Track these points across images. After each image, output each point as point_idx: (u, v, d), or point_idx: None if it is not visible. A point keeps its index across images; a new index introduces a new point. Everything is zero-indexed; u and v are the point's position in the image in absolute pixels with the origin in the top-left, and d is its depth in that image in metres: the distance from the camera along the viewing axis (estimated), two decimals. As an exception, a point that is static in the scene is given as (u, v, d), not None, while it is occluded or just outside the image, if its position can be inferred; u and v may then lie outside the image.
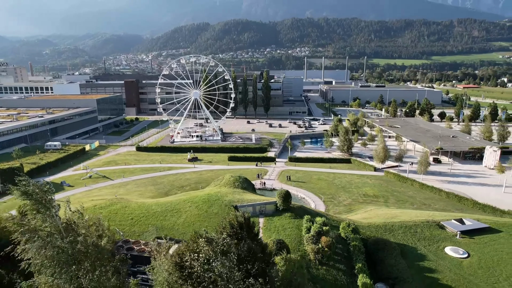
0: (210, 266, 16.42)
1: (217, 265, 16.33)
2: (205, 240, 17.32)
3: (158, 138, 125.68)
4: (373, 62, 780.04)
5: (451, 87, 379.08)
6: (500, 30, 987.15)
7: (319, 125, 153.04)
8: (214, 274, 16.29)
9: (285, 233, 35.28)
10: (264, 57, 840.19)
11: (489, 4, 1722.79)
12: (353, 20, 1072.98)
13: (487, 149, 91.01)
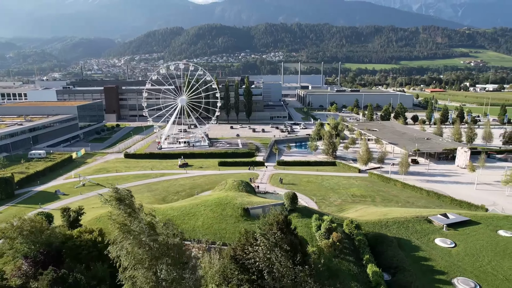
0: (269, 256, 19.40)
1: (275, 255, 19.35)
2: (263, 235, 20.29)
3: (144, 144, 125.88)
4: (345, 67, 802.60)
5: (420, 91, 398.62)
6: (460, 37, 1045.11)
7: (300, 129, 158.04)
8: (272, 263, 19.31)
9: (297, 231, 38.61)
10: (239, 62, 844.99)
11: (449, 12, 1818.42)
12: (325, 25, 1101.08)
13: (458, 150, 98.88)
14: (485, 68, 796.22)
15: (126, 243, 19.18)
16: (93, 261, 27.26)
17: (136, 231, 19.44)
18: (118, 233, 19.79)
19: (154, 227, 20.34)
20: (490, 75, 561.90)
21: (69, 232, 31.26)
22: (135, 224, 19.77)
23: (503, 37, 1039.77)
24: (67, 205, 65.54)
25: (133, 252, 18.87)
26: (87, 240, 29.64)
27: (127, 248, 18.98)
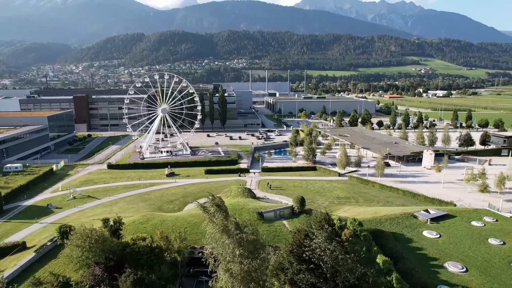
0: (325, 247, 23.67)
1: (332, 247, 23.68)
2: (320, 229, 24.55)
3: (125, 155, 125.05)
4: (307, 74, 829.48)
5: (379, 97, 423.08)
6: (411, 46, 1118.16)
7: (275, 136, 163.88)
8: (329, 253, 23.62)
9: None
10: (202, 69, 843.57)
11: (400, 23, 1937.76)
12: (286, 33, 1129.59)
13: (424, 152, 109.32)
14: (433, 75, 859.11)
15: (227, 241, 22.45)
16: (152, 264, 29.78)
17: (231, 230, 22.76)
18: (220, 233, 22.91)
19: (240, 227, 23.70)
20: (439, 82, 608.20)
21: (125, 240, 33.38)
22: (231, 225, 23.09)
23: (447, 47, 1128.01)
24: (64, 219, 66.14)
25: (231, 248, 22.17)
26: (143, 246, 32.03)
27: (228, 244, 22.17)
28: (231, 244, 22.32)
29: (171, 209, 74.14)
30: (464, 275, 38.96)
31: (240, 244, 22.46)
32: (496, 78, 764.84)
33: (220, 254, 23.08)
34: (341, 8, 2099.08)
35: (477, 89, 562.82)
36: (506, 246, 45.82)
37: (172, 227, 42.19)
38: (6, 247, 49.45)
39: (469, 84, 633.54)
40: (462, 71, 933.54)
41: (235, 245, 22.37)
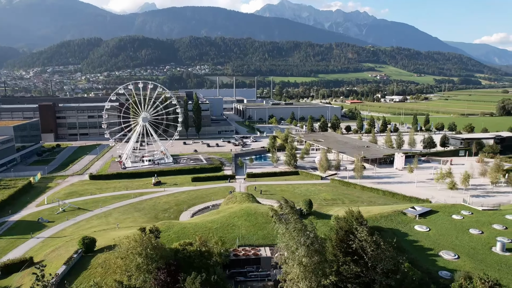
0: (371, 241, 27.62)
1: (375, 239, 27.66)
2: (361, 225, 28.35)
3: (103, 164, 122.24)
4: (270, 80, 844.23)
5: (341, 102, 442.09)
6: (367, 53, 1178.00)
7: (251, 142, 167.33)
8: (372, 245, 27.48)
9: (321, 230, 47.07)
10: (164, 75, 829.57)
11: (355, 31, 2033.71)
12: (248, 40, 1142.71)
13: (396, 155, 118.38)
14: (388, 81, 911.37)
15: (302, 238, 25.46)
16: (205, 267, 31.65)
17: (305, 229, 25.81)
18: (297, 232, 25.67)
19: (306, 228, 26.78)
20: (394, 87, 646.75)
21: (173, 246, 34.76)
22: (303, 225, 26.19)
23: (399, 54, 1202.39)
24: (61, 232, 65.18)
25: (306, 244, 25.29)
26: (193, 251, 33.69)
27: (304, 241, 25.24)
28: (307, 240, 25.43)
29: (167, 218, 74.99)
30: (457, 261, 44.80)
31: (312, 241, 25.64)
32: (442, 84, 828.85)
33: (291, 250, 26.04)
34: (300, 16, 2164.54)
35: (427, 94, 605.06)
36: (484, 235, 52.74)
37: (195, 233, 43.98)
38: (13, 264, 48.51)
39: (420, 89, 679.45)
40: (413, 77, 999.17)
41: (311, 241, 25.53)
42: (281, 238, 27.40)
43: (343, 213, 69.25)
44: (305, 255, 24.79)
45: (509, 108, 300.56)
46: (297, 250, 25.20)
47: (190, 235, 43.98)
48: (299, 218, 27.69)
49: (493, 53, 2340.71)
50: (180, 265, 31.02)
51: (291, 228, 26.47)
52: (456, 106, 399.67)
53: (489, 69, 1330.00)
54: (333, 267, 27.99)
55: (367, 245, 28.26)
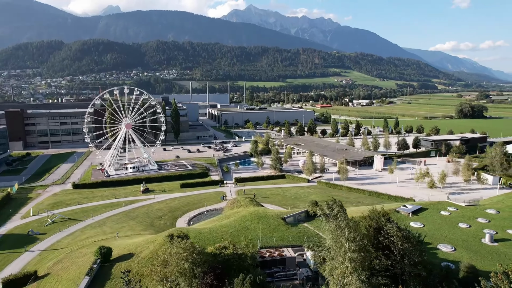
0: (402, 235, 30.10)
1: (405, 233, 30.15)
2: (388, 222, 30.85)
3: (84, 173, 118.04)
4: (238, 85, 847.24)
5: (311, 106, 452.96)
6: (332, 59, 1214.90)
7: (231, 147, 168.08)
8: (402, 239, 29.91)
9: (330, 229, 49.52)
10: (131, 80, 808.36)
11: (321, 37, 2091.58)
12: (216, 44, 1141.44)
13: (375, 156, 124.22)
14: (353, 85, 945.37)
15: (351, 234, 27.15)
16: (241, 269, 32.41)
17: (349, 226, 27.56)
18: (347, 228, 27.31)
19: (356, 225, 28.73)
20: (360, 92, 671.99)
21: (208, 251, 35.03)
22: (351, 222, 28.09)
23: (362, 60, 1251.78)
24: (56, 244, 63.11)
25: (356, 240, 27.19)
26: (231, 254, 34.30)
27: (353, 237, 27.06)
28: (356, 236, 27.31)
29: (163, 225, 74.57)
30: (455, 253, 48.69)
31: (361, 237, 27.62)
32: (404, 89, 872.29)
33: (340, 246, 27.77)
34: (266, 21, 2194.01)
35: (391, 98, 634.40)
36: (472, 228, 57.44)
37: (212, 238, 44.54)
38: (17, 279, 46.69)
39: (384, 93, 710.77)
40: (376, 82, 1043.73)
41: (360, 237, 27.43)
42: (330, 235, 29.11)
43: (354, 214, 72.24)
44: (355, 250, 26.72)
45: (466, 111, 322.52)
46: (347, 245, 27.06)
47: (208, 240, 44.58)
48: (347, 216, 29.68)
49: (446, 60, 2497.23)
50: (220, 269, 31.81)
51: (343, 225, 28.30)
52: (418, 109, 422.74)
53: (444, 74, 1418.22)
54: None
55: (398, 240, 30.72)
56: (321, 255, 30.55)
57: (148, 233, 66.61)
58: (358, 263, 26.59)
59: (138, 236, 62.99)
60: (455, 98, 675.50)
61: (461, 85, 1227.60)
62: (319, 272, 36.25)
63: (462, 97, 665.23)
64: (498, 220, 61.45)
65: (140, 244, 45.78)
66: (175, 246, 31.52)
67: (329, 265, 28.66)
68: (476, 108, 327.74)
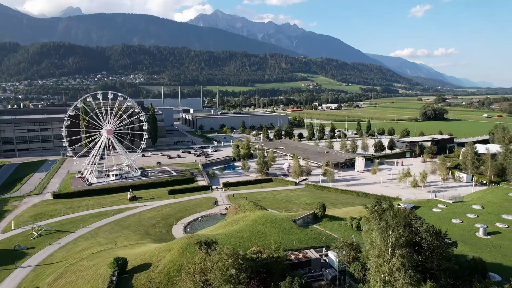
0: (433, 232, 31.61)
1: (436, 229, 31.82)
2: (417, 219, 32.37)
3: (62, 182, 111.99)
4: (207, 89, 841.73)
5: (282, 110, 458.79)
6: (299, 64, 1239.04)
7: (212, 152, 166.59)
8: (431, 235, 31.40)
9: (340, 229, 50.40)
10: (95, 84, 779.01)
11: (287, 42, 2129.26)
12: (183, 49, 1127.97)
13: (357, 158, 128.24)
14: (320, 90, 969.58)
15: (400, 230, 28.03)
16: (278, 272, 32.21)
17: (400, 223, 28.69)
18: (399, 224, 28.12)
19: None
20: (328, 96, 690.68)
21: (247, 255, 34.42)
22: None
23: (328, 65, 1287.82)
24: (49, 259, 59.89)
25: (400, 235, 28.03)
26: (268, 257, 33.84)
27: (397, 233, 28.02)
28: (405, 233, 28.33)
29: (159, 233, 72.63)
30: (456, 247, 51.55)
31: (408, 234, 28.78)
32: (368, 93, 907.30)
33: (388, 243, 28.62)
34: (233, 26, 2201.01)
35: (357, 102, 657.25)
36: (465, 223, 61.15)
37: (229, 243, 43.68)
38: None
39: (350, 97, 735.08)
40: (342, 86, 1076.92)
41: (407, 234, 28.47)
42: (376, 233, 29.89)
43: (338, 213, 73.94)
44: (404, 246, 27.75)
45: (429, 114, 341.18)
46: (397, 242, 28.06)
47: (226, 245, 44.05)
48: (395, 214, 30.80)
49: (405, 65, 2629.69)
50: (263, 273, 31.63)
51: (394, 223, 29.21)
52: (384, 112, 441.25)
53: (404, 79, 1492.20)
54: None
55: (427, 235, 32.22)
56: (366, 254, 31.36)
57: (145, 242, 64.65)
58: (406, 259, 27.67)
59: (137, 245, 61.00)
60: (416, 101, 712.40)
61: (419, 89, 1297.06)
62: (345, 272, 37.18)
63: (422, 101, 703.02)
64: (485, 214, 65.85)
65: (153, 253, 44.35)
66: (218, 253, 30.91)
67: (374, 263, 29.49)
68: (438, 111, 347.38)
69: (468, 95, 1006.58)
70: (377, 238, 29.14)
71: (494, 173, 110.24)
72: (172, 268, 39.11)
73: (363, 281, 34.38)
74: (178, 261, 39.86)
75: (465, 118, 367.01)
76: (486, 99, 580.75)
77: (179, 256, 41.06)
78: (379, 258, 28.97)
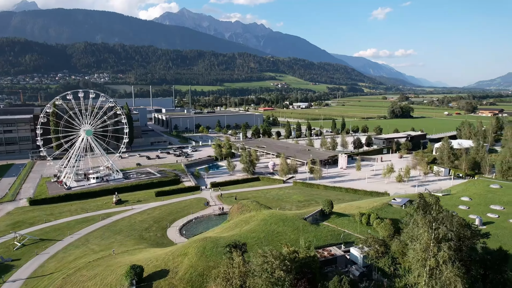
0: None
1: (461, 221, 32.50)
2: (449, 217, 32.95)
3: (36, 186, 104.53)
4: (176, 88, 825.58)
5: (254, 110, 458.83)
6: (267, 63, 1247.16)
7: (191, 152, 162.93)
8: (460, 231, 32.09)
9: (351, 225, 50.61)
10: (57, 83, 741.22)
11: (254, 42, 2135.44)
12: (150, 47, 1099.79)
13: (340, 155, 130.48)
14: (289, 89, 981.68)
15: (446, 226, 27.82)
16: (316, 271, 31.29)
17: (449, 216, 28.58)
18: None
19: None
20: (298, 95, 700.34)
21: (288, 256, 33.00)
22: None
23: (295, 65, 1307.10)
24: (40, 271, 55.99)
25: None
26: (307, 257, 32.64)
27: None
28: (454, 226, 28.51)
29: (154, 237, 69.83)
30: (458, 239, 53.52)
31: (456, 226, 29.05)
32: (335, 92, 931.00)
33: (437, 236, 28.70)
34: (200, 25, 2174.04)
35: (325, 101, 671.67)
36: (459, 215, 63.44)
37: (247, 244, 42.69)
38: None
39: (319, 96, 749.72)
40: (309, 85, 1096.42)
41: (456, 226, 28.70)
42: (424, 227, 29.89)
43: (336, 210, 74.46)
44: (453, 239, 28.01)
45: (396, 112, 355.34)
46: (447, 235, 28.25)
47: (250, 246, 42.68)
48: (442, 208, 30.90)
49: (369, 65, 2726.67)
50: (309, 273, 30.75)
51: (440, 217, 29.30)
52: (353, 111, 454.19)
53: (368, 78, 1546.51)
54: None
55: (460, 228, 32.94)
56: (397, 248, 31.43)
57: (143, 247, 61.81)
58: (453, 252, 27.97)
59: (137, 251, 58.11)
60: (381, 100, 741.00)
61: (383, 88, 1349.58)
62: (371, 267, 37.23)
63: (386, 99, 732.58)
64: (475, 206, 69.08)
65: (167, 259, 42.05)
66: (261, 255, 29.51)
67: (419, 256, 29.58)
68: (405, 109, 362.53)
69: (427, 94, 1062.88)
70: (425, 233, 29.34)
71: (468, 167, 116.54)
72: (194, 273, 37.20)
73: (394, 275, 34.56)
74: (199, 266, 38.04)
75: (429, 115, 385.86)
76: (444, 98, 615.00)
77: (199, 260, 39.16)
78: (425, 252, 29.19)
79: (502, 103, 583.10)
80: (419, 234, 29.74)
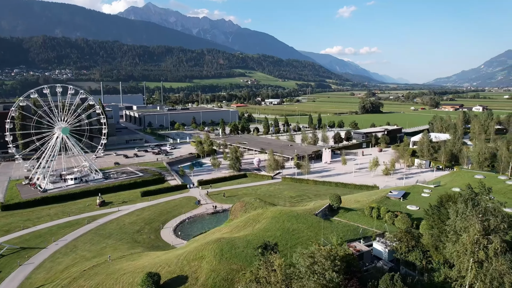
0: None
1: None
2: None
3: (6, 190, 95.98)
4: (143, 85, 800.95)
5: (226, 106, 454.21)
6: (236, 60, 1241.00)
7: (171, 150, 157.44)
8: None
9: (361, 219, 49.89)
10: (13, 80, 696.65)
11: (222, 38, 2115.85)
12: (115, 43, 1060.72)
13: (324, 150, 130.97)
14: (259, 85, 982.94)
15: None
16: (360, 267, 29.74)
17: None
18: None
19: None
20: (269, 92, 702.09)
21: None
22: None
23: (264, 61, 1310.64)
24: (28, 283, 51.14)
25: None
26: (346, 255, 30.68)
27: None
28: (505, 217, 27.94)
29: (148, 239, 66.13)
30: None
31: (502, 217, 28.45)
32: (304, 88, 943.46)
33: (487, 229, 27.91)
34: (167, 21, 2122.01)
35: (296, 97, 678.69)
36: (455, 206, 65.01)
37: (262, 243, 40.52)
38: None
39: (289, 93, 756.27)
40: (279, 82, 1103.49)
41: (502, 217, 28.12)
42: (475, 219, 29.03)
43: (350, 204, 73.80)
44: (506, 230, 27.42)
45: (367, 107, 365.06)
46: (500, 226, 27.65)
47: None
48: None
49: (335, 62, 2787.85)
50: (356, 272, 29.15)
51: (492, 208, 28.54)
52: (325, 106, 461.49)
53: (335, 75, 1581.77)
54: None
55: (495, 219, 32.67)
56: (428, 241, 30.58)
57: (139, 251, 57.99)
58: (505, 243, 27.47)
59: (136, 255, 54.33)
60: (349, 96, 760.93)
61: (349, 84, 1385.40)
62: (398, 262, 36.51)
63: (354, 95, 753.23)
64: (468, 196, 70.93)
65: (181, 264, 38.96)
66: (309, 255, 27.40)
67: (468, 248, 28.87)
68: (375, 105, 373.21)
69: (391, 90, 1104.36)
70: (476, 224, 28.68)
71: (447, 159, 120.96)
72: (217, 278, 34.59)
73: (426, 269, 33.94)
74: (221, 270, 35.46)
75: (397, 110, 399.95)
76: (409, 94, 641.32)
77: (219, 263, 36.56)
78: (475, 244, 28.56)
79: (460, 99, 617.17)
80: (468, 226, 29.19)
